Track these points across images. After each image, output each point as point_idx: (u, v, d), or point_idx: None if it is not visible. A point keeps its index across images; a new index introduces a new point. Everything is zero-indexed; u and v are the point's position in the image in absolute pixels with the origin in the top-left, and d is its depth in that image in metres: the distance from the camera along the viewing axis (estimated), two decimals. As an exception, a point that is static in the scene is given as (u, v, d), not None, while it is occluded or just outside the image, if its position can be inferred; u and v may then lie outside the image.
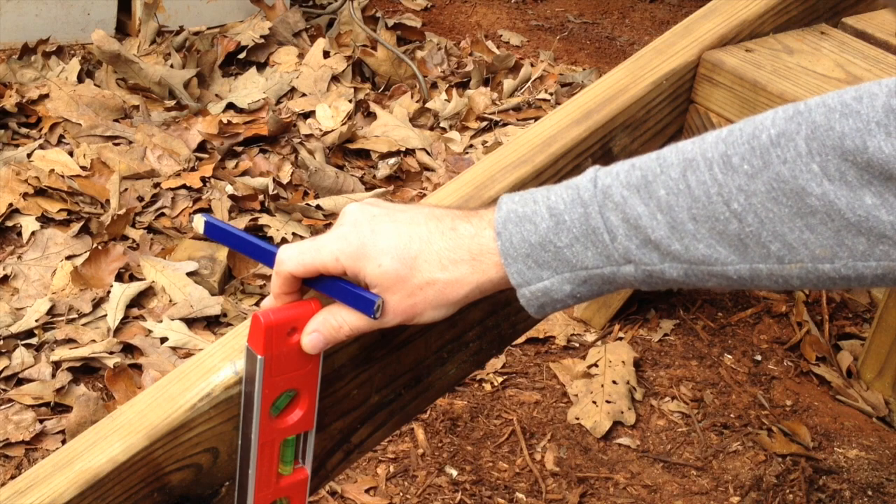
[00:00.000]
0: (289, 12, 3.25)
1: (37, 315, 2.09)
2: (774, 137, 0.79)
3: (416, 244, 0.87)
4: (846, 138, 0.75)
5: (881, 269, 0.77)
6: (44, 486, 0.85)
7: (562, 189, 0.86)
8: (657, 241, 0.82)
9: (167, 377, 0.94)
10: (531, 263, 0.86)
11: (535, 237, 0.85)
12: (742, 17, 1.31)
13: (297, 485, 0.92)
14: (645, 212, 0.82)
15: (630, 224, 0.83)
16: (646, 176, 0.83)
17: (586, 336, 2.29)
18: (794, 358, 2.29)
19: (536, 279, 0.86)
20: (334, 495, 1.84)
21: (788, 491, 1.95)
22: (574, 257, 0.85)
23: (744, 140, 0.80)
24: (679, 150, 0.83)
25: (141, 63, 2.88)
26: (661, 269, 0.84)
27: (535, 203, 0.86)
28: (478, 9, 3.78)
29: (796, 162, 0.77)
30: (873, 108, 0.75)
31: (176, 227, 2.43)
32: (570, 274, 0.85)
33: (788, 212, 0.78)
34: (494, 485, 1.90)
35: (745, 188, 0.79)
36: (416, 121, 2.97)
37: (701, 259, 0.82)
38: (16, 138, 2.64)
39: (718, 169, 0.80)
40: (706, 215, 0.80)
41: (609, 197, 0.83)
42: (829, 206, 0.76)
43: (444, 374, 1.04)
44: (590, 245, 0.84)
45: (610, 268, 0.85)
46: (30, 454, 1.85)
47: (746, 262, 0.81)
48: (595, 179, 0.85)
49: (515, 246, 0.86)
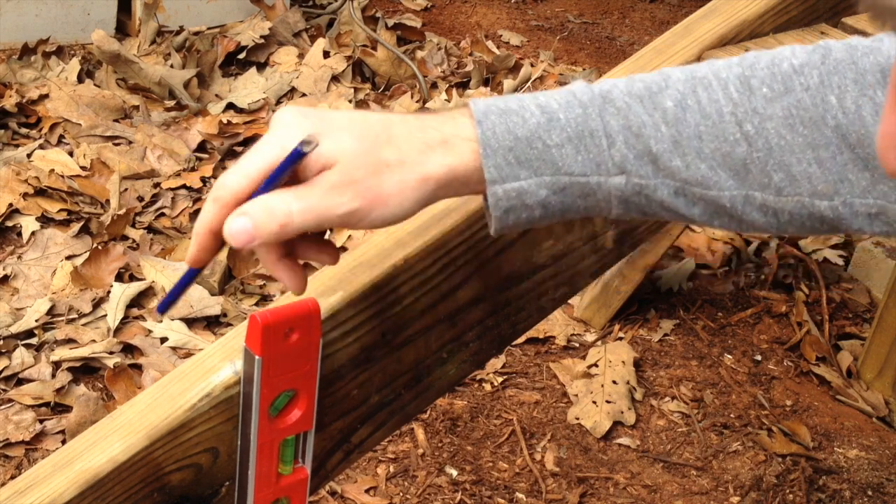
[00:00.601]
0: (289, 12, 3.25)
1: (37, 315, 2.09)
2: (797, 66, 0.77)
3: (378, 125, 0.75)
4: (867, 74, 0.75)
5: (876, 208, 0.76)
6: (44, 486, 0.85)
7: (554, 93, 0.79)
8: (657, 154, 0.77)
9: (167, 377, 0.94)
10: (511, 159, 0.77)
11: (522, 130, 0.76)
12: (742, 17, 1.31)
13: (297, 484, 0.92)
14: (649, 121, 0.77)
15: (632, 132, 0.77)
16: (650, 87, 0.78)
17: (586, 336, 2.29)
18: (794, 358, 2.29)
19: (513, 178, 0.77)
20: (334, 495, 1.84)
21: (788, 491, 1.95)
22: (561, 159, 0.77)
23: (763, 65, 0.78)
24: (685, 69, 0.79)
25: (141, 63, 2.88)
26: (653, 184, 0.78)
27: (519, 101, 0.78)
28: (478, 9, 3.78)
29: (818, 90, 0.75)
30: (894, 45, 0.75)
31: (176, 227, 2.43)
32: (551, 178, 0.77)
33: (802, 141, 0.76)
34: (494, 485, 1.90)
35: (762, 111, 0.76)
36: (416, 121, 2.96)
37: (699, 180, 0.77)
38: (16, 138, 2.65)
39: (734, 88, 0.77)
40: (715, 134, 0.77)
41: (610, 101, 0.77)
42: (842, 139, 0.75)
43: (444, 374, 1.04)
44: (582, 148, 0.77)
45: (597, 177, 0.77)
46: (30, 454, 1.85)
47: (744, 188, 0.77)
48: (590, 86, 0.78)
49: (498, 136, 0.76)
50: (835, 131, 0.75)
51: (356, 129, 0.74)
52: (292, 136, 0.72)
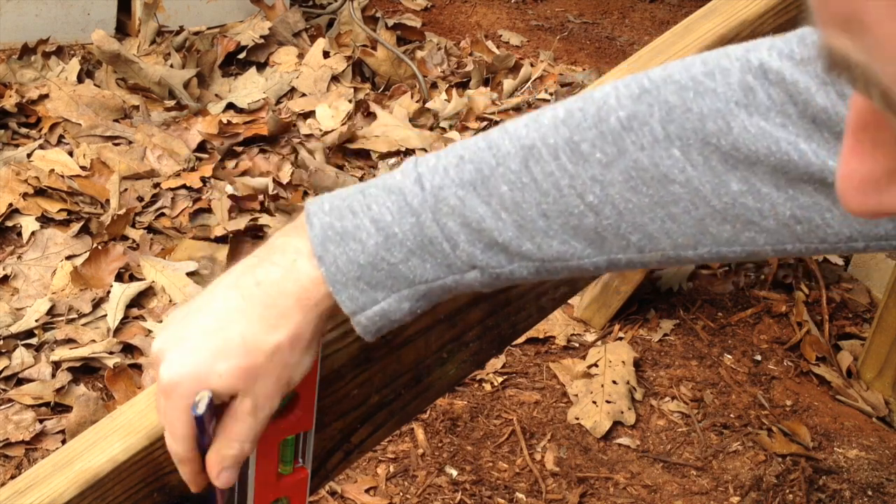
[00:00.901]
0: (289, 12, 3.25)
1: (37, 315, 2.09)
2: (625, 120, 0.71)
3: (234, 327, 0.75)
4: (707, 120, 0.69)
5: (745, 253, 0.72)
6: (44, 486, 0.85)
7: (382, 194, 0.75)
8: (505, 243, 0.73)
9: (167, 377, 0.94)
10: (362, 286, 0.75)
11: (363, 257, 0.74)
12: (742, 17, 1.31)
13: (297, 484, 0.92)
14: (487, 212, 0.73)
15: (472, 228, 0.73)
16: (481, 170, 0.73)
17: (586, 336, 2.29)
18: (794, 358, 2.29)
19: (371, 302, 0.75)
20: (334, 495, 1.84)
21: (788, 491, 1.95)
22: (411, 272, 0.74)
23: (590, 124, 0.71)
24: (513, 136, 0.74)
25: (141, 63, 2.88)
26: (509, 270, 0.75)
27: (354, 215, 0.75)
28: (478, 9, 3.79)
29: (655, 148, 0.70)
30: (728, 85, 0.69)
31: (176, 227, 2.43)
32: (408, 290, 0.75)
33: (649, 201, 0.71)
34: (494, 485, 1.90)
35: (601, 178, 0.71)
36: (416, 121, 2.97)
37: (555, 256, 0.74)
38: (16, 138, 2.65)
39: (566, 158, 0.72)
40: (559, 210, 0.72)
41: (443, 200, 0.73)
42: (694, 193, 0.70)
43: (444, 374, 1.04)
44: (428, 257, 0.74)
45: (452, 276, 0.75)
46: (30, 454, 1.85)
47: (603, 254, 0.73)
48: (420, 180, 0.74)
49: (343, 269, 0.74)
50: (684, 186, 0.70)
51: (223, 350, 0.75)
52: (181, 397, 0.76)
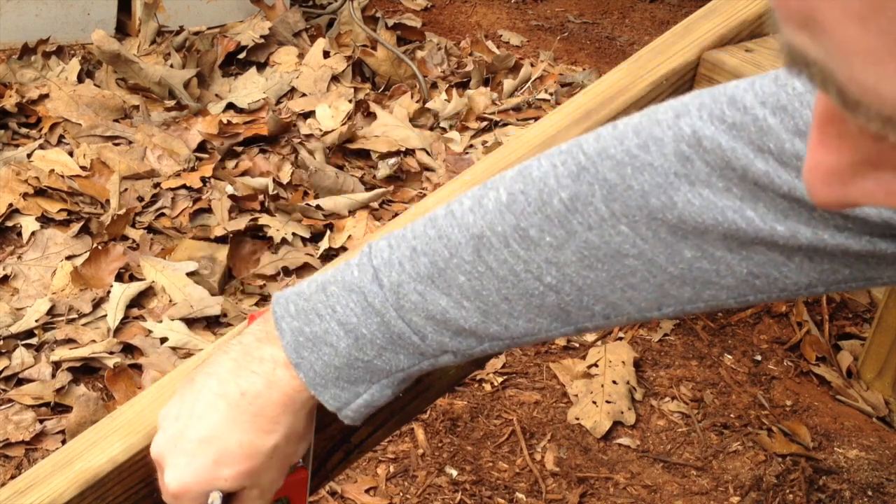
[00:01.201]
0: (289, 12, 3.25)
1: (37, 315, 2.09)
2: (568, 202, 0.71)
3: (230, 437, 0.78)
4: (650, 196, 0.69)
5: (709, 308, 0.73)
6: (44, 486, 0.85)
7: (343, 294, 0.77)
8: (472, 329, 0.75)
9: (167, 377, 0.94)
10: (343, 384, 0.78)
11: (338, 360, 0.77)
12: (742, 17, 1.31)
13: (297, 484, 0.92)
14: (449, 303, 0.74)
15: (437, 320, 0.75)
16: (435, 263, 0.74)
17: (586, 336, 2.29)
18: (794, 358, 2.29)
19: (354, 396, 0.79)
20: (334, 495, 1.84)
21: (788, 491, 1.95)
22: (387, 364, 0.77)
23: (534, 209, 0.72)
24: (461, 224, 0.74)
25: (141, 63, 2.88)
26: (481, 349, 0.77)
27: (321, 319, 0.77)
28: (478, 9, 3.79)
29: (602, 227, 0.70)
30: (664, 156, 0.69)
31: (176, 227, 2.43)
32: (388, 379, 0.78)
33: (606, 276, 0.71)
34: (494, 485, 1.90)
35: (555, 260, 0.72)
36: (416, 121, 2.97)
37: (523, 333, 0.76)
38: (16, 138, 2.65)
39: (517, 245, 0.72)
40: (519, 293, 0.73)
41: (403, 297, 0.75)
42: (649, 263, 0.71)
43: (444, 374, 1.04)
44: (399, 349, 0.76)
45: (427, 361, 0.78)
46: (30, 454, 1.85)
47: (570, 325, 0.75)
48: (377, 276, 0.75)
49: (320, 374, 0.78)
50: (638, 258, 0.70)
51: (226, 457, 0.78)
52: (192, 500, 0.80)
